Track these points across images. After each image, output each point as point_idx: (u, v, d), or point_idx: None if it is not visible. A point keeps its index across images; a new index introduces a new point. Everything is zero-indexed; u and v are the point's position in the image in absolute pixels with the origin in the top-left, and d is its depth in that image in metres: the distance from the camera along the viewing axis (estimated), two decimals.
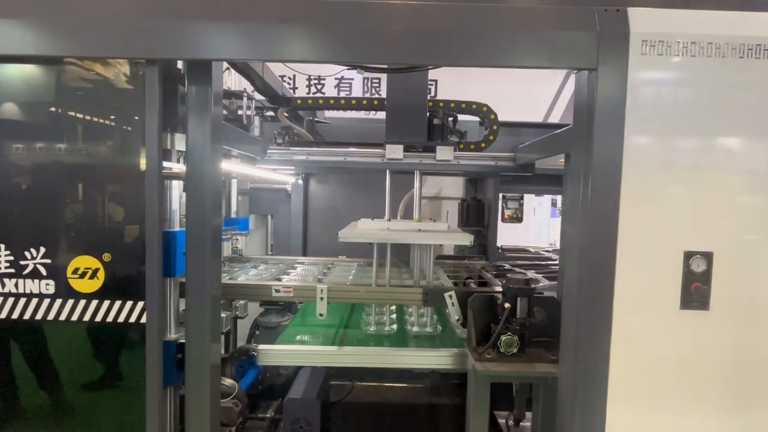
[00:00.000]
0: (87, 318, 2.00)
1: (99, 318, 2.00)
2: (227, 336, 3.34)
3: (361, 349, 2.70)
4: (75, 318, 2.00)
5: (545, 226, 9.13)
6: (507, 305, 2.24)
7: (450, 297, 2.54)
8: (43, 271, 1.99)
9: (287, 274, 3.20)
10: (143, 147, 1.94)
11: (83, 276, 1.99)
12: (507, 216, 4.56)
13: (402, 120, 3.14)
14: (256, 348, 2.73)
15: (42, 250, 1.99)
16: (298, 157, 3.22)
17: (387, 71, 3.07)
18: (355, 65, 2.80)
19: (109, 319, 2.00)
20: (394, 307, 3.40)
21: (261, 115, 3.57)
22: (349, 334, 2.99)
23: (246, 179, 4.00)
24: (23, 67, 1.97)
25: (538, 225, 8.99)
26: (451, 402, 3.14)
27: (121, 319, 2.00)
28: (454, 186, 4.71)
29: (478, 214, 4.07)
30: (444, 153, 3.04)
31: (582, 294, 1.88)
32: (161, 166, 1.97)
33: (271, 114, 3.65)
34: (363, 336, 2.95)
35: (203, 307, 2.06)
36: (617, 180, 1.80)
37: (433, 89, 6.22)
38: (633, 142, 1.80)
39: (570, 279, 2.00)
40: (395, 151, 3.02)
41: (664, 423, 1.90)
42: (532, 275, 2.97)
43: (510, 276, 2.41)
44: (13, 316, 2.01)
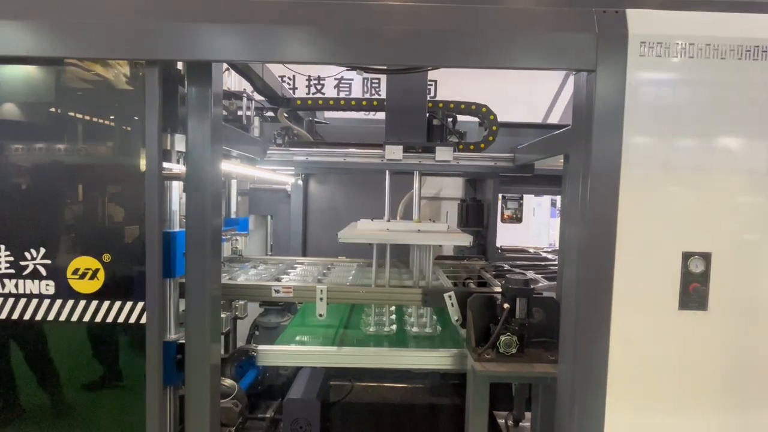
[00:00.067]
0: (87, 318, 2.01)
1: (99, 318, 2.00)
2: (227, 336, 3.35)
3: (361, 350, 2.70)
4: (75, 318, 2.01)
5: (545, 226, 9.14)
6: (506, 306, 2.24)
7: (449, 297, 2.55)
8: (43, 272, 2.00)
9: (287, 274, 3.20)
10: (143, 148, 1.95)
11: (83, 276, 1.99)
12: (506, 216, 4.56)
13: (401, 121, 3.14)
14: (255, 348, 2.73)
15: (42, 250, 1.99)
16: (297, 158, 3.22)
17: (386, 72, 3.07)
18: (355, 66, 2.81)
19: (109, 320, 2.00)
20: (393, 308, 3.40)
21: (261, 116, 3.57)
22: (349, 334, 2.99)
23: (246, 180, 4.01)
24: (24, 68, 1.97)
25: (537, 225, 9.00)
26: (451, 402, 3.15)
27: (121, 320, 2.00)
28: (453, 186, 4.72)
29: (477, 214, 4.07)
30: (443, 153, 3.04)
31: (581, 294, 1.88)
32: (161, 166, 1.97)
33: (271, 114, 3.65)
34: (363, 336, 2.95)
35: (203, 308, 2.07)
36: (616, 181, 1.81)
37: (433, 90, 6.22)
38: (631, 142, 1.81)
39: (569, 279, 2.01)
40: (395, 152, 3.02)
41: (662, 423, 1.90)
42: (531, 276, 2.97)
43: (509, 276, 2.41)
44: (13, 316, 2.01)
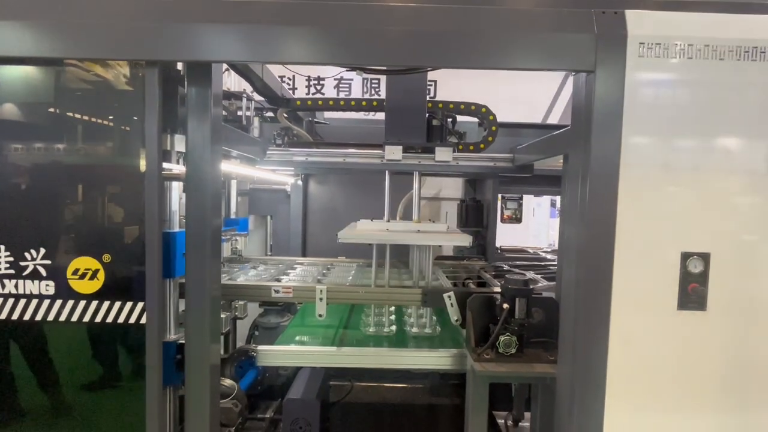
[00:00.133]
0: (87, 319, 2.01)
1: (99, 319, 2.01)
2: (226, 336, 3.36)
3: (361, 350, 2.71)
4: (75, 319, 2.01)
5: (544, 226, 9.16)
6: (505, 306, 2.24)
7: (449, 297, 2.55)
8: (43, 272, 2.00)
9: (286, 274, 3.20)
10: (143, 148, 1.95)
11: (83, 277, 2.00)
12: (506, 216, 4.56)
13: (401, 121, 3.14)
14: (255, 348, 2.73)
15: (42, 251, 1.99)
16: (297, 158, 3.22)
17: (386, 72, 3.07)
18: (355, 67, 2.81)
19: (109, 320, 2.01)
20: (393, 308, 3.40)
21: (260, 116, 3.57)
22: (349, 334, 2.99)
23: (245, 180, 4.01)
24: (24, 68, 1.97)
25: (537, 225, 9.02)
26: (451, 402, 3.14)
27: (121, 320, 2.00)
28: (453, 187, 4.72)
29: (477, 214, 4.08)
30: (443, 154, 3.04)
31: (580, 294, 1.88)
32: (161, 167, 1.97)
33: (271, 115, 3.66)
34: (362, 336, 2.96)
35: (203, 308, 2.07)
36: (615, 181, 1.81)
37: (432, 90, 6.23)
38: (630, 143, 1.81)
39: (568, 280, 2.01)
40: (394, 152, 3.02)
41: (661, 423, 1.91)
42: (530, 276, 2.98)
43: (508, 277, 2.41)
44: (13, 317, 2.01)
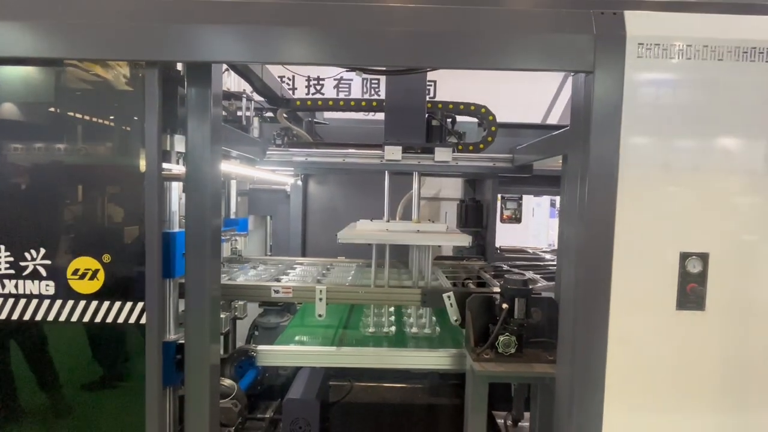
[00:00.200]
0: (87, 319, 2.01)
1: (99, 319, 2.01)
2: (226, 337, 3.36)
3: (360, 350, 2.71)
4: (75, 319, 2.01)
5: (544, 226, 9.17)
6: (505, 306, 2.25)
7: (448, 297, 2.55)
8: (43, 272, 2.00)
9: (286, 274, 3.21)
10: (143, 148, 1.95)
11: (83, 277, 2.00)
12: (506, 216, 4.57)
13: (401, 121, 3.14)
14: (255, 348, 2.73)
15: (42, 251, 2.00)
16: (297, 158, 3.22)
17: (386, 73, 3.07)
18: (354, 67, 2.81)
19: (109, 320, 2.01)
20: (392, 309, 3.41)
21: (260, 116, 3.57)
22: (348, 334, 2.99)
23: (245, 180, 4.01)
24: (24, 69, 1.98)
25: (536, 225, 9.03)
26: (450, 402, 3.15)
27: (121, 320, 2.01)
28: (452, 187, 4.72)
29: (476, 214, 4.08)
30: (442, 154, 3.04)
31: (579, 295, 1.89)
32: (161, 167, 1.98)
33: (270, 115, 3.66)
34: (362, 337, 2.96)
35: (203, 308, 2.07)
36: (614, 181, 1.82)
37: (432, 90, 6.23)
38: (629, 143, 1.82)
39: (567, 280, 2.02)
40: (394, 153, 3.03)
41: (660, 423, 1.91)
42: (530, 276, 2.98)
43: (508, 277, 2.41)
44: (13, 317, 2.01)
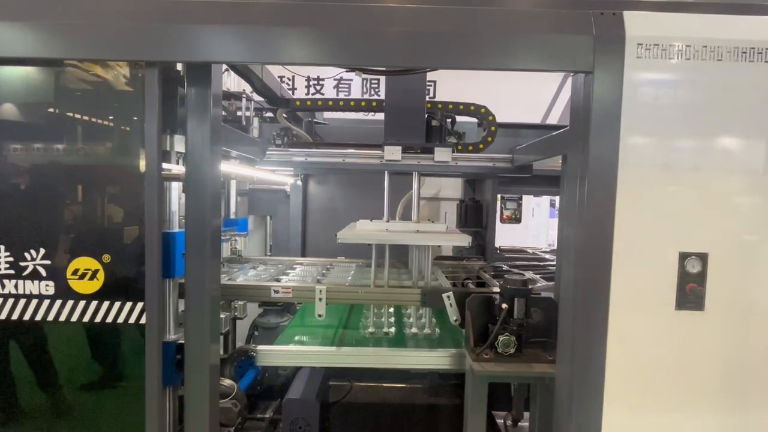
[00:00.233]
0: (86, 319, 2.01)
1: (98, 319, 2.01)
2: (226, 337, 3.36)
3: (360, 350, 2.71)
4: (74, 319, 2.01)
5: (544, 226, 9.17)
6: (504, 306, 2.25)
7: (448, 297, 2.55)
8: (43, 272, 2.00)
9: (286, 274, 3.21)
10: (143, 148, 1.95)
11: (83, 277, 2.00)
12: (505, 216, 4.57)
13: (400, 121, 3.14)
14: (255, 348, 2.74)
15: (42, 251, 2.00)
16: (296, 159, 3.22)
17: (385, 73, 3.08)
18: (354, 67, 2.81)
19: (109, 320, 2.01)
20: (392, 309, 3.41)
21: (260, 117, 3.57)
22: (348, 334, 3.00)
23: (245, 180, 4.01)
24: (24, 69, 1.98)
25: (536, 225, 9.03)
26: (450, 402, 3.15)
27: (121, 320, 2.01)
28: (452, 187, 4.72)
29: (476, 215, 4.08)
30: (442, 154, 3.04)
31: (578, 294, 1.89)
32: (161, 167, 1.98)
33: (270, 115, 3.66)
34: (361, 337, 2.96)
35: (202, 308, 2.07)
36: (613, 181, 1.82)
37: (432, 90, 6.23)
38: (628, 143, 1.82)
39: (567, 280, 2.02)
40: (394, 153, 3.03)
41: (659, 423, 1.91)
42: (529, 276, 2.98)
43: (507, 277, 2.41)
44: (13, 317, 2.02)
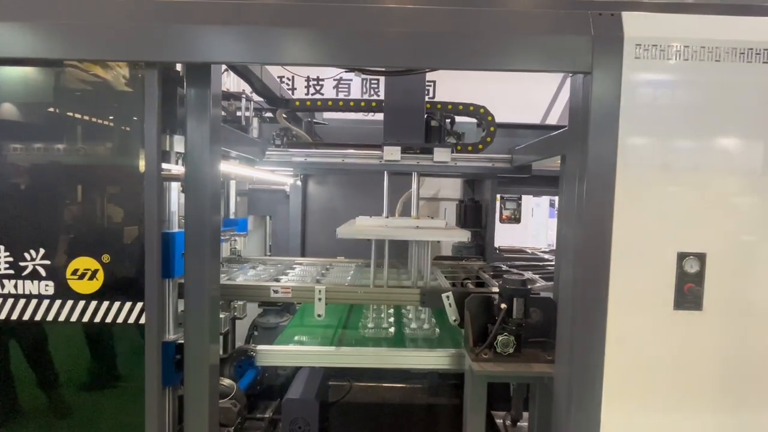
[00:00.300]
0: (86, 319, 2.01)
1: (98, 319, 2.01)
2: (225, 337, 3.36)
3: (359, 350, 2.71)
4: (74, 319, 2.01)
5: (543, 226, 9.16)
6: (503, 306, 2.25)
7: (447, 298, 2.56)
8: (43, 272, 2.01)
9: (286, 274, 3.21)
10: (142, 149, 1.96)
11: (82, 277, 2.00)
12: (505, 217, 4.58)
13: (400, 122, 3.14)
14: (254, 348, 2.74)
15: (41, 251, 2.00)
16: (296, 159, 3.22)
17: (385, 73, 3.08)
18: (354, 68, 2.82)
19: (108, 320, 2.01)
20: (392, 310, 3.41)
21: (259, 117, 3.58)
22: (347, 334, 3.00)
23: (245, 180, 4.02)
24: (24, 69, 1.98)
25: (536, 226, 9.03)
26: (449, 402, 3.15)
27: (120, 320, 2.01)
28: (452, 187, 4.73)
29: (475, 215, 4.09)
30: (441, 154, 3.05)
31: (577, 295, 1.89)
32: (160, 167, 1.98)
33: (270, 115, 3.66)
34: (361, 337, 2.97)
35: (202, 308, 2.07)
36: (611, 182, 1.83)
37: (432, 90, 6.23)
38: (627, 144, 1.82)
39: (565, 280, 2.02)
40: (393, 153, 3.03)
41: (658, 422, 1.92)
42: (529, 276, 2.98)
43: (506, 277, 2.42)
44: (13, 317, 2.02)
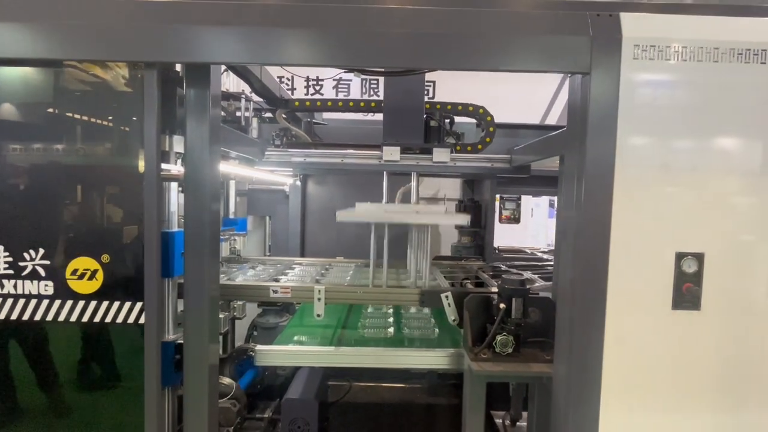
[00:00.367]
0: (86, 319, 2.02)
1: (98, 319, 2.02)
2: (225, 337, 3.36)
3: (359, 350, 2.71)
4: (74, 319, 2.02)
5: (543, 226, 9.15)
6: (502, 306, 2.26)
7: (446, 297, 2.56)
8: (42, 272, 2.01)
9: (285, 274, 3.22)
10: (142, 149, 1.96)
11: (82, 277, 2.01)
12: (504, 217, 4.58)
13: (399, 122, 3.15)
14: (254, 348, 2.74)
15: (41, 251, 2.00)
16: (296, 159, 3.23)
17: (384, 74, 3.08)
18: (353, 68, 2.82)
19: (108, 320, 2.02)
20: (391, 310, 3.41)
21: (259, 117, 3.58)
22: (347, 334, 3.00)
23: (244, 180, 4.02)
24: (23, 69, 1.98)
25: (535, 226, 9.02)
26: (449, 402, 3.16)
27: (120, 320, 2.01)
28: (451, 187, 4.73)
29: (475, 215, 4.09)
30: (440, 155, 3.05)
31: (575, 294, 1.90)
32: (160, 167, 1.99)
33: (269, 116, 3.67)
34: (360, 337, 2.97)
35: (202, 308, 2.08)
36: (610, 182, 1.83)
37: (431, 91, 6.23)
38: (625, 144, 1.83)
39: (564, 280, 2.03)
40: (392, 153, 3.04)
41: (656, 422, 1.92)
42: (528, 276, 2.99)
43: (505, 277, 2.42)
44: (12, 317, 2.02)
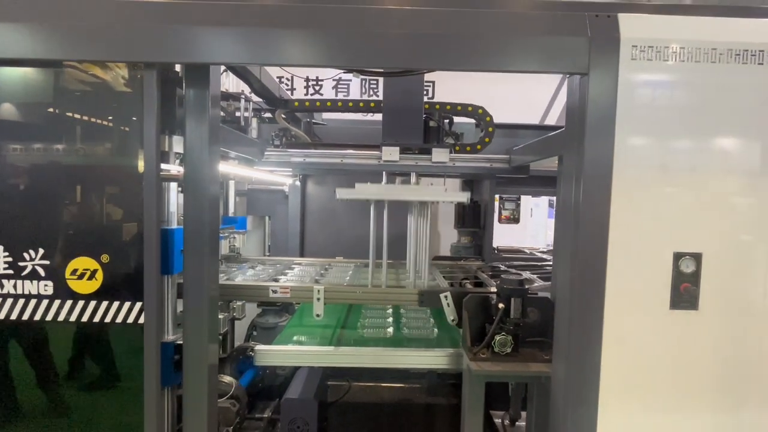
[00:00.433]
0: (85, 318, 2.02)
1: (97, 318, 2.02)
2: (224, 337, 3.36)
3: (358, 350, 2.72)
4: (73, 319, 2.02)
5: (542, 227, 9.15)
6: (501, 305, 2.26)
7: (445, 297, 2.57)
8: (42, 272, 2.01)
9: (285, 274, 3.22)
10: (141, 149, 1.97)
11: (81, 277, 2.01)
12: (504, 217, 4.59)
13: (398, 122, 3.16)
14: (253, 348, 2.75)
15: (41, 251, 2.01)
16: (295, 159, 3.23)
17: (383, 74, 3.09)
18: (352, 69, 2.82)
19: (107, 320, 2.02)
20: (390, 310, 3.42)
21: (258, 117, 3.59)
22: (346, 334, 3.01)
23: (244, 181, 4.02)
24: (23, 69, 1.99)
25: (535, 226, 9.02)
26: (448, 402, 3.16)
27: (120, 320, 2.02)
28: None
29: (474, 215, 4.10)
30: (440, 155, 3.06)
31: (574, 294, 1.90)
32: (159, 168, 1.99)
33: (269, 116, 3.67)
34: (359, 336, 2.97)
35: (201, 308, 2.08)
36: (608, 182, 1.83)
37: (431, 91, 6.24)
38: (623, 144, 1.83)
39: (563, 280, 2.03)
40: (391, 153, 3.04)
41: (655, 421, 1.93)
42: (527, 276, 2.99)
43: (504, 277, 2.43)
44: (12, 316, 2.03)
